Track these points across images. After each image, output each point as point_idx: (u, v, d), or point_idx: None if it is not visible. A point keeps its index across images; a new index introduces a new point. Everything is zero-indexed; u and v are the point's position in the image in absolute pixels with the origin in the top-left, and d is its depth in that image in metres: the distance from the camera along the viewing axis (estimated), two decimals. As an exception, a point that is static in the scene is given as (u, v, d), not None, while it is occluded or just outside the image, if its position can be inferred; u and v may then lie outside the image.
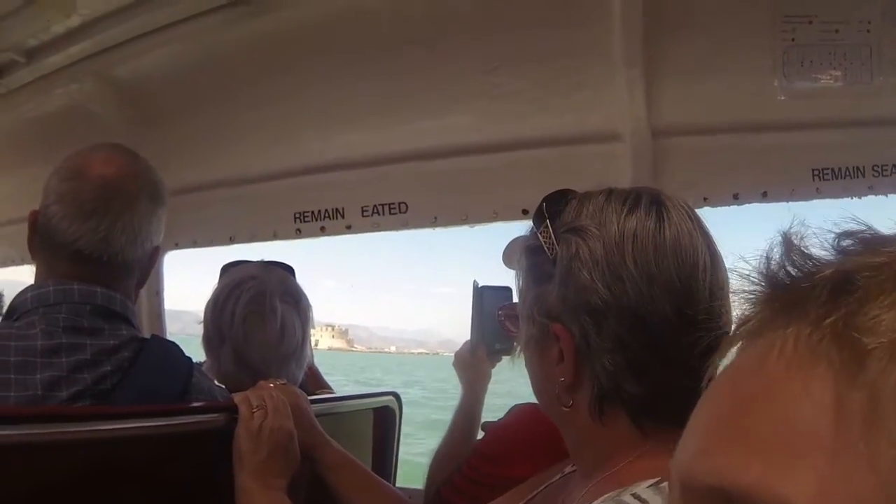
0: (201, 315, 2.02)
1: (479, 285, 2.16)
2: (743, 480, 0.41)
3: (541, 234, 1.12)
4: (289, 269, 2.10)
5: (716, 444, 0.45)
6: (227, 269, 2.09)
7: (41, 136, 2.96)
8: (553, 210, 1.13)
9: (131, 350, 1.53)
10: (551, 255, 1.09)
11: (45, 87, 2.72)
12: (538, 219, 1.15)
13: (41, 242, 1.58)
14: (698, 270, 1.03)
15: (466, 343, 2.21)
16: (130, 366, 1.51)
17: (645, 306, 1.00)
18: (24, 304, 1.51)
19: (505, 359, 2.16)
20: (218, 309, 1.95)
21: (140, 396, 1.48)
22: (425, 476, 2.10)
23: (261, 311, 1.93)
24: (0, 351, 1.39)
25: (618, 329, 1.01)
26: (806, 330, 0.42)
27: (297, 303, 2.01)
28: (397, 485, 2.25)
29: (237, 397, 1.54)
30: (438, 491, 1.97)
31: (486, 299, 2.13)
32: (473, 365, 2.18)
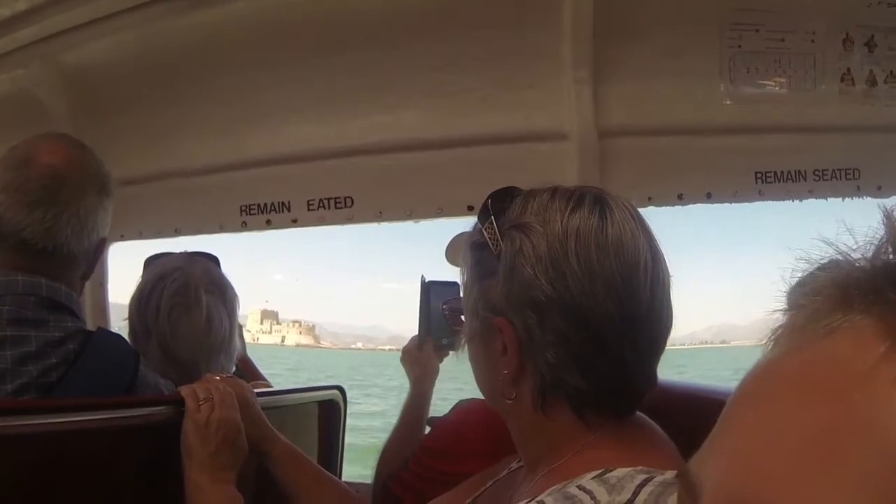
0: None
1: (427, 280, 2.16)
2: None
3: (485, 230, 1.14)
4: (213, 260, 2.06)
5: (799, 476, 0.37)
6: (151, 261, 2.04)
7: (-16, 122, 2.89)
8: (498, 207, 1.14)
9: (77, 342, 1.51)
10: (496, 251, 1.11)
11: None
12: (483, 215, 1.16)
13: None
14: (639, 269, 1.04)
15: (414, 338, 2.22)
16: (76, 358, 1.49)
17: (587, 302, 1.02)
18: None
19: (451, 353, 2.17)
20: (143, 303, 1.90)
21: (86, 389, 1.46)
22: (373, 470, 2.10)
23: (186, 302, 1.88)
24: None
25: (560, 324, 1.03)
26: None
27: (222, 293, 1.97)
28: (342, 479, 2.25)
29: (184, 390, 1.52)
30: (386, 485, 1.98)
31: (434, 294, 2.14)
32: (421, 360, 2.19)
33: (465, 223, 1.25)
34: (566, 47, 2.24)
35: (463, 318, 1.26)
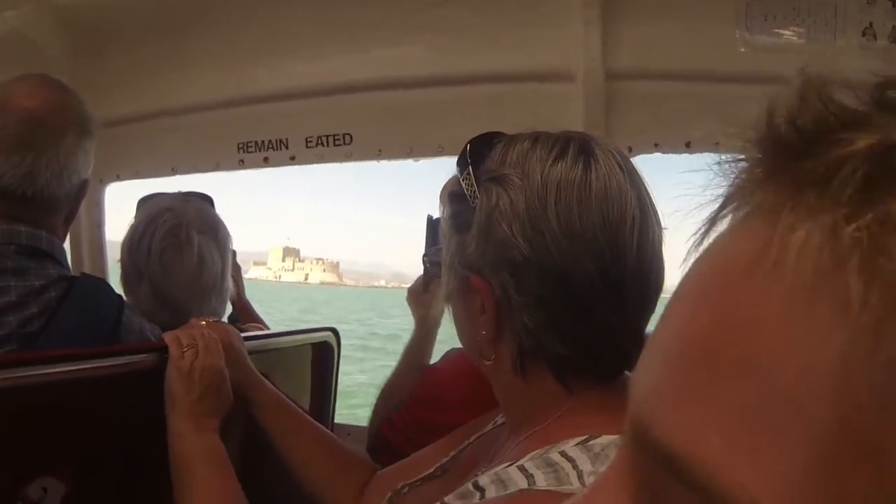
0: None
1: (434, 218, 2.11)
2: (698, 452, 0.30)
3: (463, 180, 1.08)
4: (207, 200, 2.04)
5: (676, 390, 0.33)
6: (144, 202, 2.00)
7: (-24, 64, 2.85)
8: (477, 155, 1.08)
9: (59, 290, 1.49)
10: (472, 203, 1.05)
11: None
12: (461, 163, 1.11)
13: None
14: (626, 227, 0.98)
15: (420, 278, 2.17)
16: (58, 306, 1.47)
17: (567, 264, 0.96)
18: None
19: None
20: (134, 244, 1.88)
21: (68, 338, 1.45)
22: (371, 409, 2.09)
23: (177, 243, 1.86)
24: None
25: (538, 287, 0.98)
26: (816, 236, 0.28)
27: (215, 234, 1.95)
28: (335, 421, 2.25)
29: (167, 336, 1.50)
30: (379, 427, 1.97)
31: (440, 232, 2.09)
32: (426, 301, 2.14)
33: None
34: None
35: (435, 270, 1.22)
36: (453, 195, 1.12)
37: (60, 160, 1.52)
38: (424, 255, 2.03)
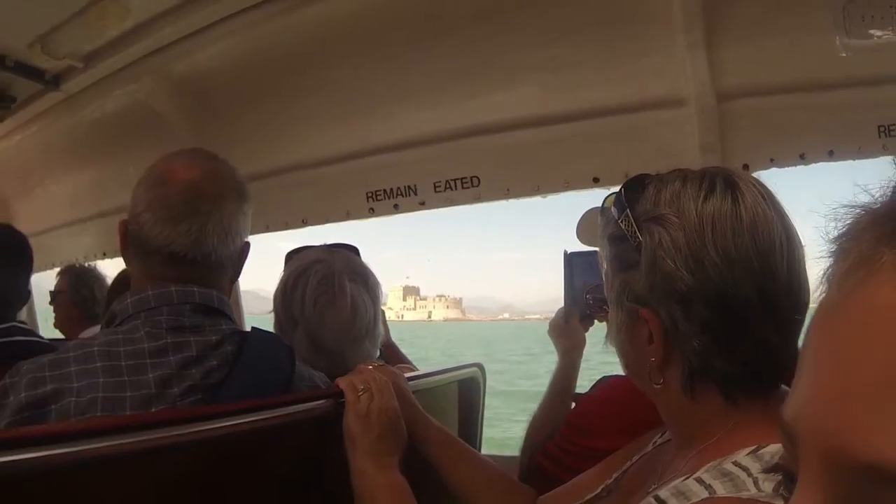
0: (262, 293, 2.04)
1: (569, 252, 2.18)
2: None
3: (622, 222, 1.17)
4: (353, 250, 2.11)
5: (879, 411, 0.38)
6: (292, 255, 2.10)
7: (105, 136, 3.06)
8: (631, 196, 1.17)
9: (234, 343, 1.59)
10: (634, 243, 1.14)
11: (105, 89, 2.78)
12: (619, 207, 1.19)
13: (135, 249, 1.61)
14: (775, 250, 1.06)
15: (560, 311, 2.24)
16: (236, 359, 1.57)
17: (727, 289, 1.04)
18: (125, 309, 1.56)
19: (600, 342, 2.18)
20: (287, 295, 1.97)
21: (248, 388, 1.54)
22: (523, 439, 2.16)
23: (330, 292, 1.94)
24: (112, 356, 1.44)
25: (704, 312, 1.06)
26: None
27: (365, 281, 2.02)
28: (482, 453, 2.31)
29: (342, 382, 1.59)
30: (533, 456, 2.03)
31: (576, 266, 2.16)
32: (568, 332, 2.22)
33: (590, 195, 1.26)
34: (676, 10, 2.21)
35: (606, 307, 1.29)
36: (613, 237, 1.21)
37: (224, 225, 1.62)
38: (587, 293, 2.10)
